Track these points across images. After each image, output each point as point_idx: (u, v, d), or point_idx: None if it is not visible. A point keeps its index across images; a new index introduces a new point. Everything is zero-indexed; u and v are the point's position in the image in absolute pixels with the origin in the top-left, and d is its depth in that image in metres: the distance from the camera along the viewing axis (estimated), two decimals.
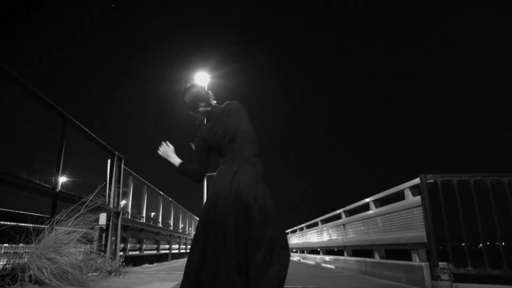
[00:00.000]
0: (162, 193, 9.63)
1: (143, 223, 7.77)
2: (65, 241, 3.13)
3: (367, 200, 5.48)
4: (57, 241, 3.06)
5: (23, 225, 3.11)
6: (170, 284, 3.63)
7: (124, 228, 6.12)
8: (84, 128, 4.60)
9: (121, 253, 5.83)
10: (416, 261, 3.95)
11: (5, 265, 2.78)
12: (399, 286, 3.82)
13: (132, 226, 6.84)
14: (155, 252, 8.94)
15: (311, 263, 9.11)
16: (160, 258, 8.95)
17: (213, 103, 1.98)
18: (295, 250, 12.82)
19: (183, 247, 13.25)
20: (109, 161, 5.51)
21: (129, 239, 6.70)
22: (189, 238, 14.72)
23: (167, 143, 1.98)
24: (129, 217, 6.89)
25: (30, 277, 2.69)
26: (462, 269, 3.46)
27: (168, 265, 7.58)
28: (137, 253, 7.36)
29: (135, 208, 7.55)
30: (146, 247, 8.08)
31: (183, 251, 12.97)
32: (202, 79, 19.86)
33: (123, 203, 6.44)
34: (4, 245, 2.93)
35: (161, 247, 9.46)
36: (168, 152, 1.96)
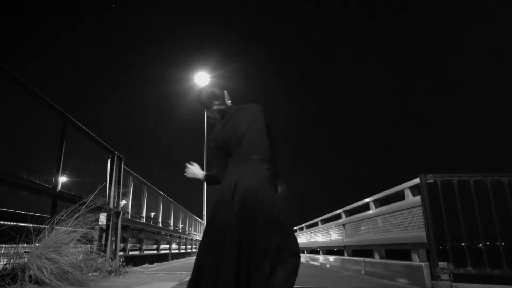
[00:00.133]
0: (162, 193, 9.64)
1: (143, 223, 7.77)
2: (65, 241, 3.13)
3: (367, 200, 5.48)
4: (57, 241, 3.06)
5: (23, 225, 3.11)
6: (170, 284, 3.63)
7: (124, 228, 6.12)
8: (84, 128, 4.60)
9: (121, 253, 5.83)
10: (416, 261, 3.95)
11: (5, 265, 2.78)
12: (399, 286, 3.82)
13: (132, 226, 6.84)
14: (155, 252, 8.94)
15: (312, 263, 9.12)
16: (160, 258, 8.94)
17: (228, 102, 1.98)
18: None
19: (183, 247, 13.25)
20: (109, 161, 5.51)
21: (129, 239, 6.70)
22: (189, 238, 14.71)
23: (191, 163, 2.08)
24: (129, 217, 6.88)
25: (30, 277, 2.69)
26: (462, 269, 3.46)
27: (168, 265, 7.59)
28: (137, 253, 7.36)
29: (135, 208, 7.55)
30: (146, 247, 8.07)
31: (183, 251, 12.97)
32: (202, 79, 19.93)
33: (123, 203, 6.44)
34: (4, 245, 2.92)
35: (161, 247, 9.46)
36: (194, 171, 2.06)
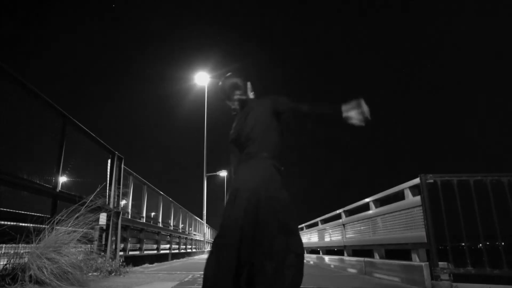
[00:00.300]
0: (162, 193, 9.63)
1: (143, 223, 7.77)
2: (65, 241, 3.14)
3: (367, 200, 5.48)
4: (57, 241, 3.06)
5: (23, 225, 3.12)
6: (170, 284, 3.63)
7: (124, 228, 6.12)
8: (84, 128, 4.60)
9: (121, 253, 5.83)
10: (416, 261, 3.95)
11: (6, 265, 2.79)
12: (399, 286, 3.82)
13: (132, 226, 6.84)
14: (155, 252, 8.94)
15: (312, 263, 9.12)
16: (160, 258, 8.94)
17: (250, 94, 1.96)
18: None
19: (183, 247, 13.26)
20: (109, 161, 5.51)
21: (129, 239, 6.70)
22: (189, 238, 14.71)
23: None
24: (129, 217, 6.88)
25: (30, 277, 2.70)
26: (462, 269, 3.46)
27: (168, 265, 7.59)
28: (137, 253, 7.36)
29: (135, 208, 7.54)
30: (146, 247, 8.08)
31: (183, 251, 12.97)
32: (202, 79, 19.91)
33: (123, 203, 6.44)
34: (4, 245, 2.92)
35: (161, 247, 9.46)
36: None
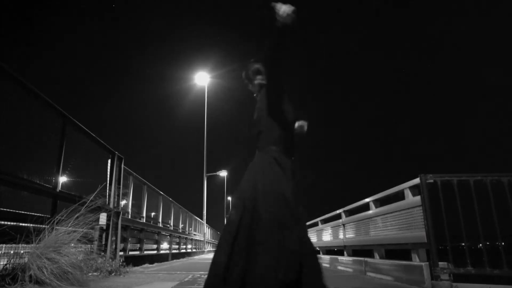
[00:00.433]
0: (162, 193, 9.63)
1: (143, 223, 7.77)
2: (65, 241, 3.13)
3: (367, 200, 5.48)
4: (57, 241, 3.06)
5: (23, 225, 3.12)
6: (170, 284, 3.63)
7: (124, 228, 6.12)
8: (84, 128, 4.60)
9: (121, 253, 5.83)
10: (416, 261, 3.95)
11: (6, 265, 2.78)
12: (399, 286, 3.82)
13: (132, 226, 6.84)
14: (155, 252, 8.94)
15: None
16: (160, 258, 8.94)
17: None
18: None
19: (183, 247, 13.25)
20: (109, 161, 5.51)
21: (129, 239, 6.70)
22: (189, 238, 14.70)
23: None
24: (129, 217, 6.88)
25: (30, 277, 2.69)
26: (462, 269, 3.46)
27: (168, 265, 7.59)
28: (137, 253, 7.36)
29: (135, 208, 7.54)
30: (146, 247, 8.07)
31: (183, 251, 12.97)
32: (202, 79, 19.91)
33: (123, 203, 6.44)
34: (4, 245, 2.92)
35: (161, 247, 9.46)
36: None
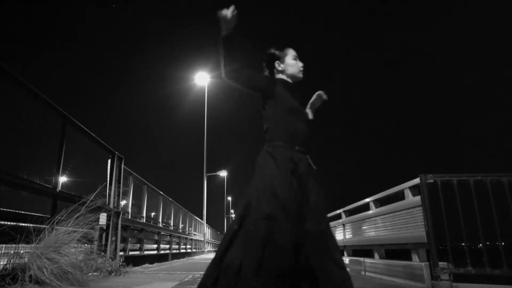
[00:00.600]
0: (162, 193, 9.63)
1: (143, 223, 7.77)
2: (65, 241, 3.13)
3: (367, 200, 5.48)
4: (57, 241, 3.06)
5: (23, 225, 3.12)
6: (170, 284, 3.63)
7: (124, 228, 6.12)
8: (84, 128, 4.60)
9: (121, 253, 5.83)
10: (416, 261, 3.95)
11: (6, 265, 2.78)
12: (399, 286, 3.82)
13: (132, 226, 6.84)
14: (155, 252, 8.94)
15: None
16: (160, 258, 8.95)
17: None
18: None
19: (183, 247, 13.25)
20: (109, 161, 5.51)
21: (129, 239, 6.70)
22: (189, 238, 14.70)
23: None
24: (129, 217, 6.88)
25: (30, 277, 2.69)
26: (462, 269, 3.46)
27: (168, 265, 7.59)
28: (137, 253, 7.36)
29: (135, 208, 7.55)
30: (146, 247, 8.07)
31: (183, 251, 12.97)
32: (202, 79, 19.91)
33: (123, 203, 6.44)
34: (4, 245, 2.92)
35: (161, 247, 9.46)
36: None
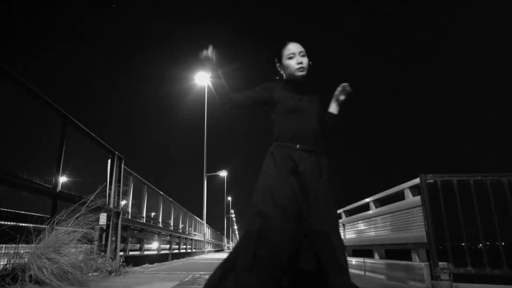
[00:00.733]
0: (162, 193, 9.64)
1: (143, 223, 7.77)
2: (65, 241, 3.13)
3: (367, 200, 5.48)
4: (57, 241, 3.06)
5: (23, 225, 3.12)
6: (170, 284, 3.63)
7: (124, 228, 6.12)
8: (84, 128, 4.60)
9: (121, 253, 5.83)
10: (416, 261, 3.95)
11: (6, 265, 2.78)
12: (399, 286, 3.82)
13: (132, 226, 6.84)
14: (155, 252, 8.95)
15: None
16: (160, 258, 8.95)
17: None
18: None
19: (183, 247, 13.25)
20: (109, 161, 5.51)
21: (129, 239, 6.70)
22: (189, 238, 14.70)
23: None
24: (129, 217, 6.88)
25: (30, 277, 2.69)
26: (462, 269, 3.46)
27: (168, 265, 7.58)
28: (137, 253, 7.36)
29: (135, 208, 7.55)
30: (146, 247, 8.08)
31: (183, 251, 12.97)
32: (202, 79, 19.91)
33: (123, 203, 6.44)
34: (4, 245, 2.92)
35: (162, 247, 9.47)
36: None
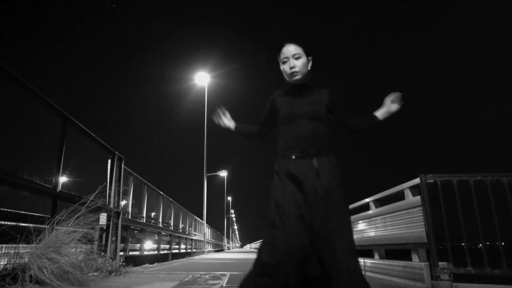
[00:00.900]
0: (162, 193, 9.64)
1: (143, 223, 7.78)
2: (65, 241, 3.14)
3: (367, 200, 5.48)
4: (57, 241, 3.06)
5: (23, 225, 3.12)
6: (170, 284, 3.63)
7: (124, 228, 6.12)
8: (84, 128, 4.60)
9: (122, 253, 5.84)
10: (416, 261, 3.95)
11: (6, 265, 2.79)
12: (399, 286, 3.82)
13: (132, 226, 6.84)
14: (156, 252, 8.95)
15: None
16: (160, 258, 8.95)
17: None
18: None
19: (183, 247, 13.25)
20: (109, 161, 5.52)
21: (130, 239, 6.70)
22: (189, 238, 14.70)
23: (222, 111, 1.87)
24: (130, 217, 6.89)
25: (30, 277, 2.70)
26: (462, 269, 3.46)
27: (168, 265, 7.58)
28: (137, 253, 7.37)
29: (135, 208, 7.55)
30: (146, 247, 8.08)
31: (183, 251, 12.97)
32: (202, 79, 19.93)
33: (123, 203, 6.44)
34: (4, 245, 2.93)
35: (162, 247, 9.47)
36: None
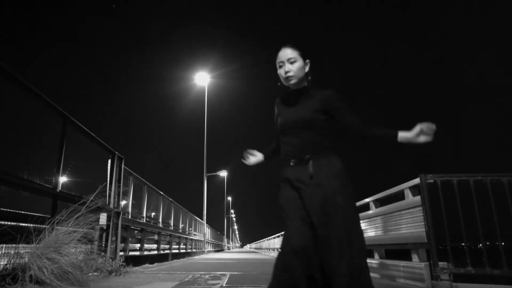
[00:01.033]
0: (162, 193, 9.64)
1: (143, 223, 7.78)
2: (65, 241, 3.14)
3: (367, 200, 5.48)
4: (57, 241, 3.06)
5: (24, 225, 3.12)
6: (170, 284, 3.63)
7: (124, 228, 6.12)
8: (84, 128, 4.60)
9: (122, 253, 5.84)
10: (416, 261, 3.95)
11: (6, 265, 2.79)
12: (399, 286, 3.82)
13: (132, 226, 6.84)
14: (156, 252, 8.95)
15: None
16: (160, 258, 8.95)
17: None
18: None
19: (183, 247, 13.25)
20: (109, 161, 5.52)
21: (130, 239, 6.70)
22: (189, 238, 14.70)
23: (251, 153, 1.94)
24: (130, 217, 6.89)
25: (30, 277, 2.70)
26: (462, 269, 3.46)
27: (168, 265, 7.58)
28: (137, 253, 7.36)
29: (135, 208, 7.56)
30: (146, 247, 8.08)
31: (183, 251, 12.97)
32: (202, 79, 19.93)
33: (123, 203, 6.44)
34: (5, 245, 2.93)
35: (162, 247, 9.47)
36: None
